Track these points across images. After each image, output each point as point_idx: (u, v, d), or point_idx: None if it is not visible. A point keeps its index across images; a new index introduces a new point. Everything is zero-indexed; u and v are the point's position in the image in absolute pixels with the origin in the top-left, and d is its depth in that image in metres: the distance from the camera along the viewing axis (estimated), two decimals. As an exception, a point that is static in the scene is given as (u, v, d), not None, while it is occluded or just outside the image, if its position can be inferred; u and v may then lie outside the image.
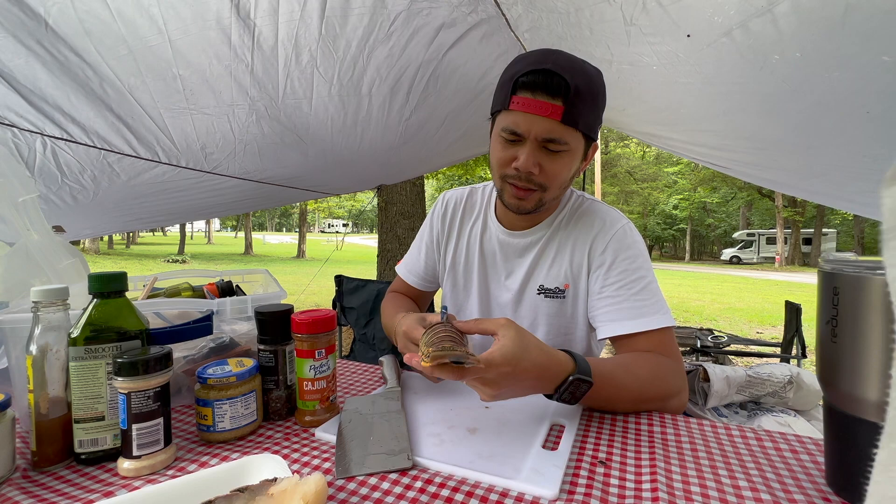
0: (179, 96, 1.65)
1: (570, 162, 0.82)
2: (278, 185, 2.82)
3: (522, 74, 0.76)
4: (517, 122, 0.78)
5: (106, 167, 2.01)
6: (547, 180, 0.82)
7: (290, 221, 65.00)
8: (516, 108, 0.77)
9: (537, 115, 0.76)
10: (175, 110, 1.73)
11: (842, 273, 0.45)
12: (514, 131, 0.79)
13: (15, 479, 0.52)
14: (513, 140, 0.80)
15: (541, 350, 0.61)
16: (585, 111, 0.78)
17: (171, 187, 2.42)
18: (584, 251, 0.90)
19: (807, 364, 3.24)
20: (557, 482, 0.49)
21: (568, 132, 0.78)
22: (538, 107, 0.75)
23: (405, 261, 1.14)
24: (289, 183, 2.88)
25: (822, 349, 0.48)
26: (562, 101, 0.75)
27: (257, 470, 0.48)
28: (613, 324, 0.83)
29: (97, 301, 0.57)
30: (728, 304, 8.33)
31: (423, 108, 2.15)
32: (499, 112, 0.82)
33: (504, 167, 0.83)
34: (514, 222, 0.96)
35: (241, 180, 2.54)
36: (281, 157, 2.35)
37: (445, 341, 0.57)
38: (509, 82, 0.78)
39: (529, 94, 0.76)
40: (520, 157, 0.79)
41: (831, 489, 0.49)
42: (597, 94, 0.80)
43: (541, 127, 0.77)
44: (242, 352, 0.76)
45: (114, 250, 22.37)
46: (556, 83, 0.74)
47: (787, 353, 3.08)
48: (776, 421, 1.28)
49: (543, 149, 0.79)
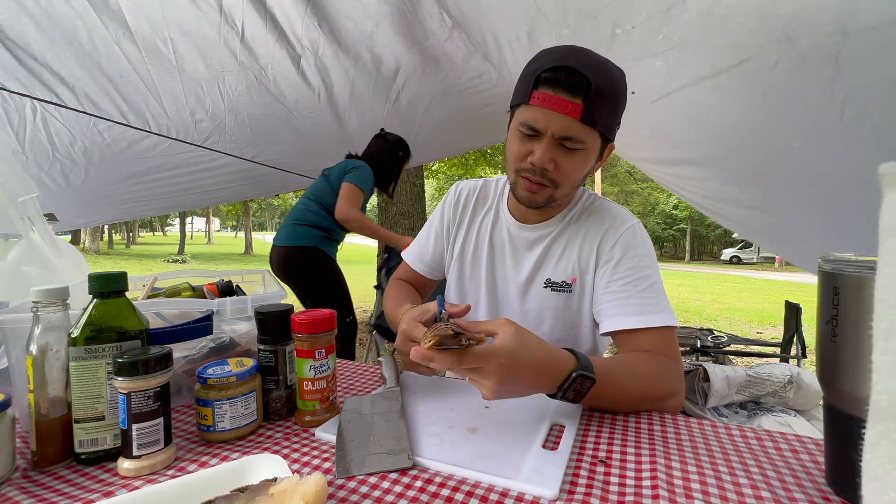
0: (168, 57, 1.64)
1: (586, 161, 0.82)
2: (270, 166, 2.80)
3: (545, 70, 0.76)
4: (536, 118, 0.78)
5: (96, 136, 2.00)
6: (560, 177, 0.82)
7: (290, 221, 64.90)
8: (536, 104, 0.77)
9: (556, 112, 0.76)
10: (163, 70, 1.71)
11: (842, 273, 0.45)
12: (532, 126, 0.79)
13: (15, 479, 0.52)
14: (530, 135, 0.81)
15: (541, 347, 0.61)
16: (605, 111, 0.78)
17: (162, 164, 2.39)
18: (593, 246, 0.91)
19: (807, 364, 3.23)
20: (557, 482, 0.49)
21: (585, 131, 0.78)
22: (558, 104, 0.75)
23: (412, 247, 1.15)
24: (280, 165, 2.87)
25: (822, 349, 0.48)
26: (582, 99, 0.75)
27: (257, 470, 0.48)
28: (617, 318, 0.83)
29: (97, 301, 0.57)
30: (728, 304, 8.32)
31: (410, 88, 2.14)
32: (518, 106, 0.83)
33: (519, 161, 0.83)
34: (525, 216, 0.97)
35: (233, 157, 2.51)
36: (271, 132, 2.33)
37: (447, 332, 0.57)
38: (531, 77, 0.78)
39: (550, 91, 0.76)
40: (535, 153, 0.79)
41: (831, 489, 0.49)
42: (618, 95, 0.80)
43: (559, 124, 0.77)
44: (242, 352, 0.76)
45: (114, 250, 22.38)
46: (577, 81, 0.74)
47: (787, 353, 3.08)
48: (776, 421, 1.28)
49: (560, 146, 0.80)
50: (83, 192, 2.44)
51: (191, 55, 1.65)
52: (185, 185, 2.79)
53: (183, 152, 2.31)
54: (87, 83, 1.68)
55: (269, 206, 47.73)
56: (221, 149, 2.39)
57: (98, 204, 2.80)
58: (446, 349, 0.54)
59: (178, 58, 1.64)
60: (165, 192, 2.88)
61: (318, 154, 2.81)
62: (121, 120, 1.93)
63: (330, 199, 2.27)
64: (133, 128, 1.99)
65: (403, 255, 1.16)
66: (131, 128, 1.99)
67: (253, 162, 2.66)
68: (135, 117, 1.94)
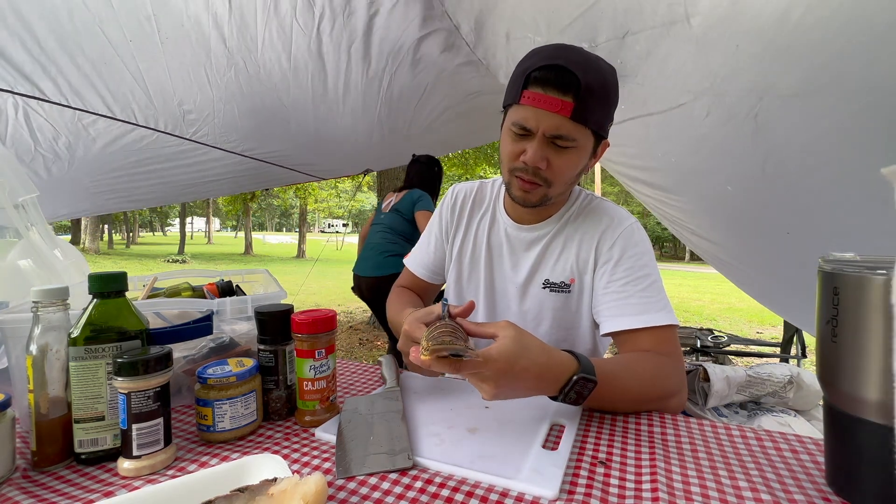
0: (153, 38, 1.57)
1: (578, 159, 0.82)
2: (261, 160, 2.75)
3: (535, 69, 0.76)
4: (526, 118, 0.78)
5: (81, 131, 1.93)
6: (553, 176, 0.82)
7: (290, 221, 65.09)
8: (526, 103, 0.77)
9: (546, 111, 0.76)
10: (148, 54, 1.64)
11: (842, 273, 0.45)
12: (524, 126, 0.79)
13: (15, 479, 0.52)
14: (522, 134, 0.81)
15: (542, 350, 0.61)
16: (596, 109, 0.78)
17: (150, 156, 2.32)
18: (591, 246, 0.91)
19: (807, 364, 3.23)
20: (557, 482, 0.49)
21: (577, 129, 0.78)
22: (548, 102, 0.76)
23: (413, 253, 1.15)
24: (272, 159, 2.82)
25: (822, 349, 0.48)
26: (572, 97, 0.75)
27: (257, 470, 0.48)
28: (617, 318, 0.83)
29: (97, 301, 0.57)
30: (728, 304, 8.32)
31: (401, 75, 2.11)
32: (510, 105, 0.83)
33: (512, 160, 0.83)
34: (522, 216, 0.97)
35: (223, 151, 2.46)
36: (261, 124, 2.28)
37: (445, 336, 0.57)
38: (521, 76, 0.78)
39: (540, 90, 0.76)
40: (528, 152, 0.80)
41: (831, 489, 0.49)
42: (609, 92, 0.80)
43: (549, 123, 0.77)
44: (242, 352, 0.76)
45: (114, 250, 22.38)
46: (567, 79, 0.74)
47: (787, 353, 3.08)
48: (776, 421, 1.28)
49: (552, 144, 0.80)
50: (66, 183, 2.34)
51: (176, 36, 1.57)
52: (174, 177, 2.71)
53: (171, 145, 2.24)
54: (69, 71, 1.60)
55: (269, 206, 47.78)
56: (210, 142, 2.31)
57: (82, 195, 2.70)
58: (443, 357, 0.54)
59: (162, 39, 1.56)
60: (154, 185, 2.81)
61: (311, 148, 2.75)
62: (106, 112, 1.85)
63: (405, 229, 2.69)
64: (119, 120, 1.91)
65: (405, 261, 1.16)
66: (117, 120, 1.91)
67: (245, 156, 2.62)
68: (120, 109, 1.86)
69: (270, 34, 1.66)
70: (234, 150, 2.49)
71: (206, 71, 1.81)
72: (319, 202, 23.77)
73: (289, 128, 2.39)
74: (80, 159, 2.14)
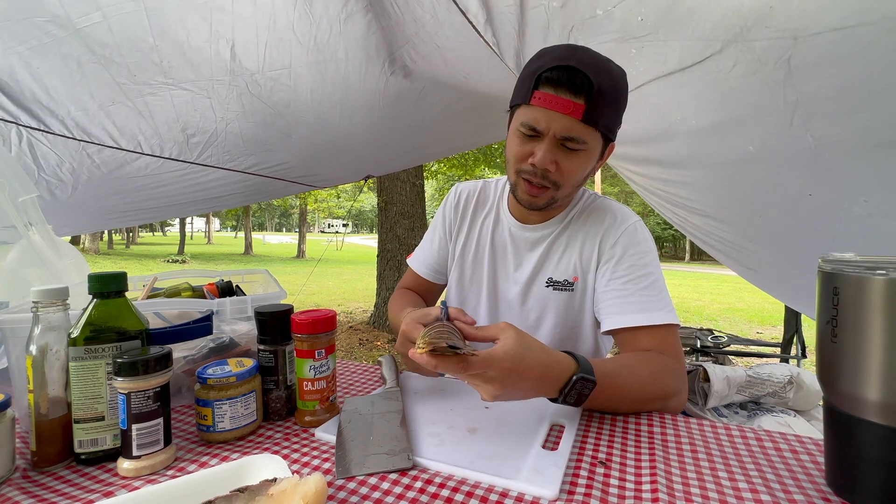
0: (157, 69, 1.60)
1: (587, 161, 0.82)
2: (264, 175, 2.75)
3: (546, 70, 0.76)
4: (537, 119, 0.78)
5: (85, 159, 1.94)
6: (562, 178, 0.82)
7: (290, 221, 65.07)
8: (537, 104, 0.77)
9: (558, 112, 0.76)
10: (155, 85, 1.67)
11: (842, 273, 0.45)
12: (534, 127, 0.78)
13: (15, 479, 0.52)
14: (531, 135, 0.80)
15: (543, 350, 0.61)
16: (607, 111, 0.78)
17: (154, 182, 2.34)
18: (594, 244, 0.91)
19: (807, 364, 3.23)
20: (557, 482, 0.49)
21: (587, 131, 0.77)
22: (560, 104, 0.75)
23: (417, 253, 1.15)
24: (274, 174, 2.81)
25: (822, 349, 0.48)
26: (584, 99, 0.74)
27: (257, 470, 0.48)
28: (618, 316, 0.83)
29: (97, 301, 0.57)
30: (728, 304, 8.32)
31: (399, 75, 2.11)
32: (518, 106, 0.82)
33: (520, 162, 0.83)
34: (526, 216, 0.97)
35: (226, 171, 2.46)
36: (264, 140, 2.27)
37: (442, 335, 0.57)
38: (531, 77, 0.77)
39: (552, 91, 0.75)
40: (537, 154, 0.79)
41: (831, 489, 0.49)
42: (619, 95, 0.80)
43: (560, 125, 0.76)
44: (242, 352, 0.76)
45: (114, 250, 22.39)
46: (579, 81, 0.74)
47: (787, 353, 3.08)
48: (776, 421, 1.28)
49: (561, 146, 0.79)
50: (70, 206, 2.37)
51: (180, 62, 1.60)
52: (179, 196, 2.71)
53: (176, 169, 2.26)
54: (78, 115, 1.64)
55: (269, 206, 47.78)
56: (215, 163, 2.32)
57: (85, 216, 2.72)
58: (440, 355, 0.54)
59: (166, 67, 1.60)
60: (157, 205, 2.83)
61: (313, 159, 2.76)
62: (111, 144, 1.87)
63: None
64: (125, 150, 1.93)
65: (408, 261, 1.16)
66: (122, 150, 1.93)
67: (248, 173, 2.63)
68: (126, 141, 1.89)
69: (270, 52, 1.68)
70: (237, 168, 2.50)
71: (210, 95, 1.83)
72: (319, 202, 23.76)
73: (290, 141, 2.40)
74: (84, 184, 2.15)
